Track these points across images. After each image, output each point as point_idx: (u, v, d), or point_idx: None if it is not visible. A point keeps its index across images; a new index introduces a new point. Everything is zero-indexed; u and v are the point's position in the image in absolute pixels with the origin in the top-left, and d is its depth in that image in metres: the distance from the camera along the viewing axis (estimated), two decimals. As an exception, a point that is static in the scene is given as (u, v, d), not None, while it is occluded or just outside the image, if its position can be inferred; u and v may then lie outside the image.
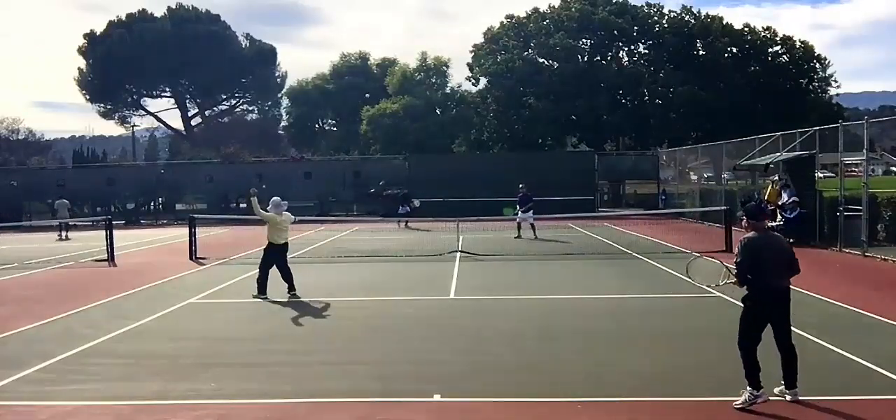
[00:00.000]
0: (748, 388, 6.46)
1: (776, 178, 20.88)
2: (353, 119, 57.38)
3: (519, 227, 23.96)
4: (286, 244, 13.27)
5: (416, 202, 30.76)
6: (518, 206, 24.47)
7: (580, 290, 11.81)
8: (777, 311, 6.61)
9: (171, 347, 9.16)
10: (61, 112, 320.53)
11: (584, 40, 50.83)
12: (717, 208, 23.06)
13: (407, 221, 29.40)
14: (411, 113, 49.83)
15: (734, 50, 49.75)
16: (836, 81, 50.96)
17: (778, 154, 21.49)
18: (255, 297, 12.72)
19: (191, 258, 19.06)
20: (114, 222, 21.37)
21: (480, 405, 6.65)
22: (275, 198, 13.41)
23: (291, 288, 12.85)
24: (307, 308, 11.82)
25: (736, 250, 6.78)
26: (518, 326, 9.99)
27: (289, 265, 13.15)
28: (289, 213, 13.49)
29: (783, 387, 6.65)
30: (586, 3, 50.27)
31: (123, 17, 66.76)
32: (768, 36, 50.27)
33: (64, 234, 28.58)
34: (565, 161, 41.38)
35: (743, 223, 6.84)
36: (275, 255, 13.03)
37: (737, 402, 6.46)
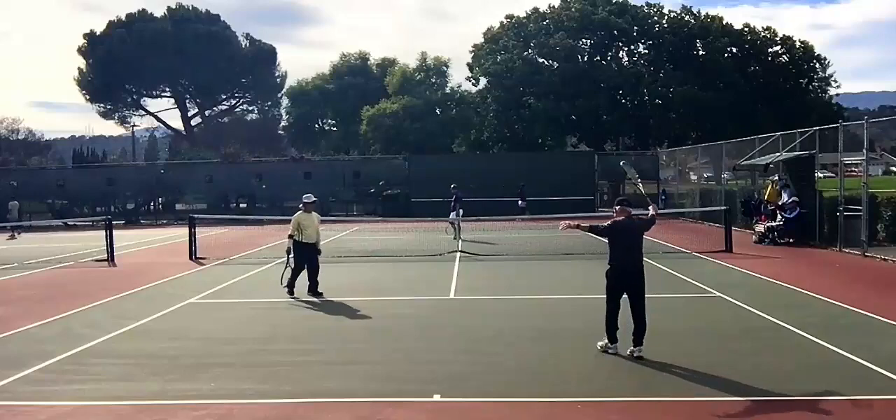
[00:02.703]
0: (606, 339, 8.35)
1: (776, 178, 20.88)
2: (353, 119, 57.31)
3: (453, 228, 23.08)
4: (308, 244, 12.86)
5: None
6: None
7: (580, 290, 11.82)
8: (628, 285, 8.24)
9: (171, 347, 9.16)
10: (61, 112, 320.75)
11: (584, 40, 50.77)
12: (717, 208, 23.07)
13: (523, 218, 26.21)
14: (411, 113, 49.78)
15: (734, 50, 49.71)
16: (836, 81, 50.96)
17: (778, 154, 21.49)
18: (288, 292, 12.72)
19: (191, 258, 19.06)
20: (114, 222, 21.38)
21: (480, 405, 6.65)
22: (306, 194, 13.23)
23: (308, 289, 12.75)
24: (307, 308, 11.83)
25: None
26: (518, 326, 9.99)
27: (313, 266, 12.86)
28: (314, 213, 13.12)
29: (632, 346, 8.16)
30: (586, 3, 50.22)
31: (123, 18, 66.72)
32: (768, 36, 50.23)
33: (14, 234, 28.91)
34: (565, 161, 41.36)
35: (616, 209, 8.58)
36: (297, 254, 12.88)
37: (599, 345, 8.41)
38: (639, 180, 10.49)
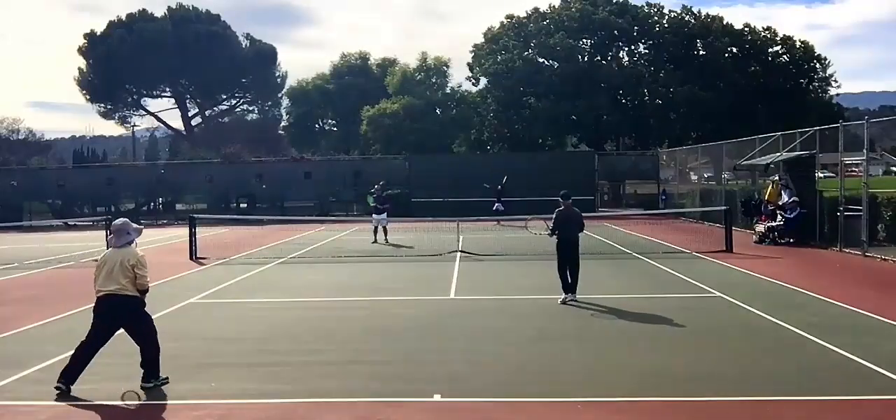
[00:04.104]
0: (563, 293, 11.62)
1: (776, 178, 20.88)
2: (353, 119, 57.32)
3: (375, 232, 22.86)
4: None
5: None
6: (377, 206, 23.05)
7: (580, 290, 11.81)
8: (569, 251, 11.80)
9: (171, 347, 9.12)
10: (61, 112, 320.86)
11: (584, 40, 50.75)
12: (718, 208, 23.07)
13: (499, 220, 27.39)
14: (411, 113, 49.78)
15: (734, 50, 49.69)
16: (836, 81, 50.96)
17: (778, 154, 21.49)
18: None
19: (191, 258, 19.06)
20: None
21: (480, 405, 6.64)
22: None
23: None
24: (307, 308, 11.83)
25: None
26: (518, 326, 9.99)
27: None
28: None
29: (564, 295, 11.63)
30: (586, 3, 50.20)
31: (123, 18, 66.72)
32: (768, 36, 50.22)
33: None
34: (565, 161, 41.33)
35: (561, 201, 11.98)
36: None
37: (559, 299, 11.51)
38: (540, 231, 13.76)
